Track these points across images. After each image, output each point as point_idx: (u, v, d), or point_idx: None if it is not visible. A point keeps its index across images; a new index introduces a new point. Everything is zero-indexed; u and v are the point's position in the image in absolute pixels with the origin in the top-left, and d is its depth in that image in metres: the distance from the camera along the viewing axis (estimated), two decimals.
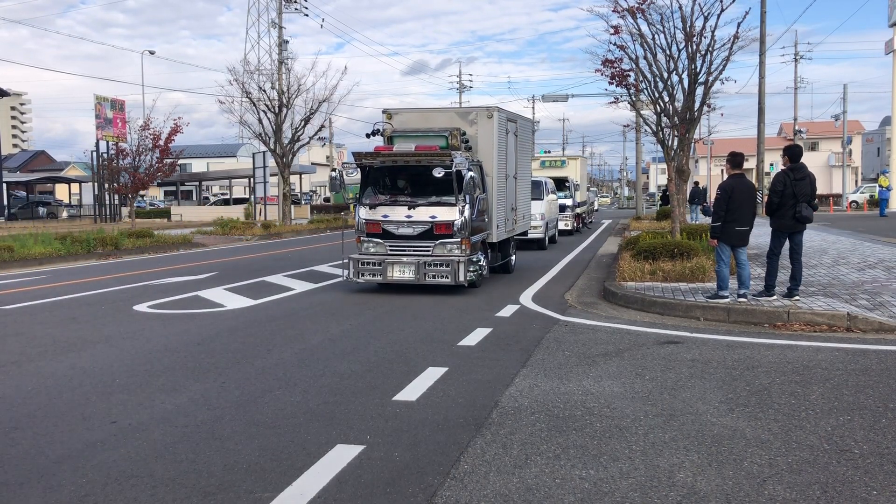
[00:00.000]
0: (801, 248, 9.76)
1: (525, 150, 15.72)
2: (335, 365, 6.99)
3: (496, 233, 13.11)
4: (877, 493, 3.97)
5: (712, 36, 14.70)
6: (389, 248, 11.89)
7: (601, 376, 6.44)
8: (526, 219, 16.05)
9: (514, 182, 14.50)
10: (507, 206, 13.88)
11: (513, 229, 14.46)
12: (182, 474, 4.35)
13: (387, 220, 11.91)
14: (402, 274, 11.64)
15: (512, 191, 14.27)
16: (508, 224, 14.01)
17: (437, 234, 11.67)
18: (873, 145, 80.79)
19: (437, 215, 11.70)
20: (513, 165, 14.33)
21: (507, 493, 4.04)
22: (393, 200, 12.05)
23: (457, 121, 13.04)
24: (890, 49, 44.85)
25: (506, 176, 13.66)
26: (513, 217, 14.40)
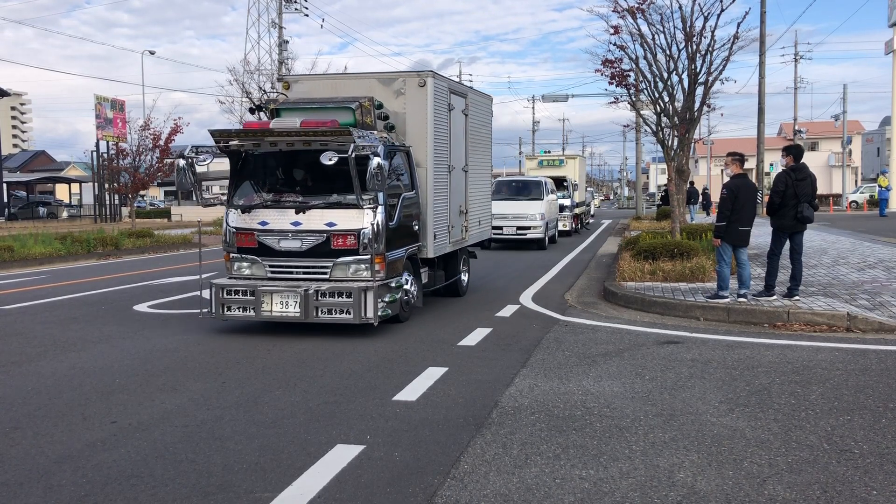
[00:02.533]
0: (802, 249, 9.76)
1: (481, 135, 12.33)
2: (335, 365, 6.99)
3: (433, 245, 9.77)
4: (877, 493, 3.98)
5: (712, 36, 14.71)
6: (270, 270, 8.57)
7: (601, 376, 6.44)
8: (484, 224, 12.73)
9: (465, 176, 11.24)
10: (453, 208, 10.65)
11: (463, 238, 11.18)
12: (182, 474, 4.35)
13: (265, 228, 8.50)
14: (283, 308, 8.23)
15: (460, 188, 11.04)
16: (456, 232, 10.79)
17: (336, 248, 8.30)
18: (873, 145, 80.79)
19: (336, 222, 8.29)
20: (461, 154, 11.04)
21: (507, 493, 4.04)
22: (276, 201, 8.70)
23: (376, 90, 9.65)
24: (890, 49, 44.86)
25: (449, 168, 10.37)
26: (462, 223, 11.16)
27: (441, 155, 10.02)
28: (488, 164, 13.15)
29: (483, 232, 12.68)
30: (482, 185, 12.54)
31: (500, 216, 20.24)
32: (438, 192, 9.93)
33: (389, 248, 8.47)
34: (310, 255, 8.39)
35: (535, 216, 20.36)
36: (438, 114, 9.86)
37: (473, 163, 11.74)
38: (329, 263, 8.35)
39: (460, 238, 11.08)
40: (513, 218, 20.37)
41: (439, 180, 9.97)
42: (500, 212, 20.34)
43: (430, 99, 9.60)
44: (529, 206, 20.67)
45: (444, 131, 10.14)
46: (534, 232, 20.28)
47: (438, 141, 9.88)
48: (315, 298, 8.15)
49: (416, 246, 9.40)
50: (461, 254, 11.42)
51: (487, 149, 12.89)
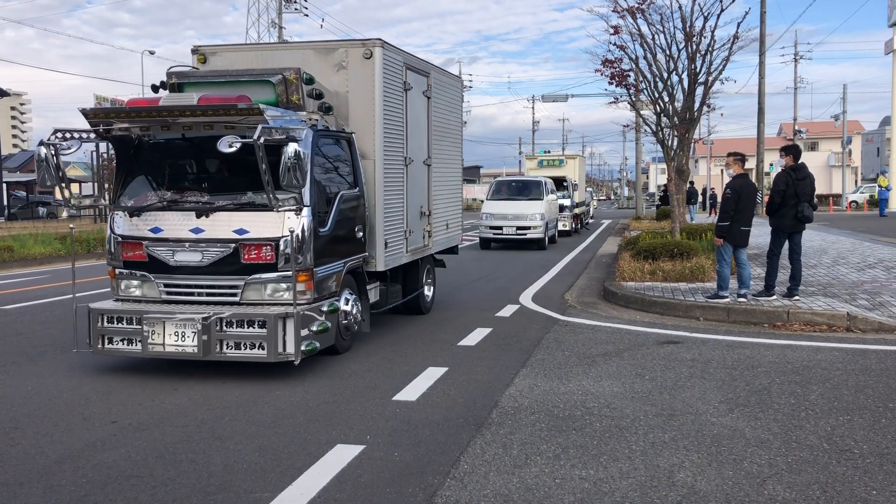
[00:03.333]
0: (800, 249, 9.77)
1: (449, 123, 10.57)
2: (335, 365, 6.99)
3: (385, 255, 8.02)
4: (877, 493, 3.98)
5: (712, 36, 14.72)
6: (165, 291, 6.78)
7: (601, 376, 6.44)
8: (454, 228, 10.86)
9: (427, 171, 9.51)
10: (412, 209, 8.90)
11: (425, 246, 9.46)
12: (182, 474, 4.35)
13: (158, 237, 6.74)
14: (178, 341, 6.37)
15: (421, 185, 9.27)
16: (416, 238, 9.07)
17: (248, 262, 6.55)
18: (873, 145, 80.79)
19: (248, 228, 6.56)
20: (422, 144, 9.29)
21: (507, 492, 4.04)
22: (173, 202, 6.89)
23: (312, 62, 7.87)
24: (890, 49, 44.86)
25: (405, 161, 8.62)
26: (424, 227, 9.41)
27: (394, 145, 8.26)
28: (458, 157, 11.27)
29: (452, 237, 10.83)
30: (450, 182, 10.74)
31: (500, 216, 20.37)
32: (391, 189, 8.18)
33: (320, 261, 6.76)
34: (215, 272, 6.61)
35: (534, 216, 20.29)
36: (390, 94, 8.12)
37: (439, 155, 9.96)
38: (240, 282, 6.57)
39: (422, 245, 9.31)
40: (513, 218, 20.30)
41: (392, 176, 8.23)
42: (500, 212, 20.46)
43: (378, 74, 7.84)
44: (529, 206, 20.60)
45: (397, 116, 8.33)
46: (534, 232, 20.21)
47: (390, 127, 8.13)
48: (218, 329, 6.32)
49: (359, 257, 7.63)
50: (424, 264, 9.70)
51: (457, 139, 11.10)
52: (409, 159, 8.73)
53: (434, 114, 9.75)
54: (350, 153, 7.66)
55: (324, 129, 7.20)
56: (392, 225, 8.26)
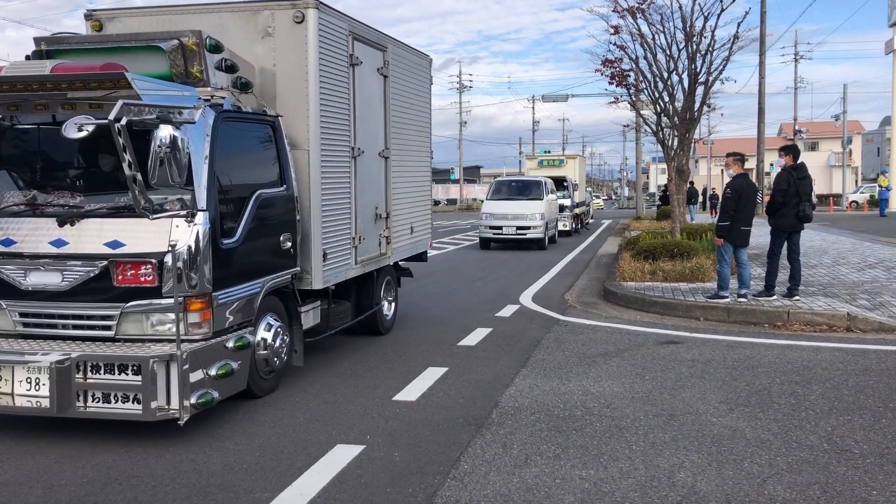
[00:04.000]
0: (799, 248, 9.77)
1: (414, 108, 9.00)
2: (335, 365, 6.99)
3: (324, 269, 6.51)
4: (877, 493, 3.98)
5: (712, 36, 14.71)
6: (21, 322, 5.28)
7: (601, 376, 6.44)
8: (421, 232, 9.34)
9: (384, 165, 8.00)
10: (363, 211, 7.36)
11: (382, 255, 7.95)
12: (182, 474, 4.35)
13: (9, 251, 5.25)
14: (31, 391, 4.80)
15: (376, 182, 7.78)
16: (368, 246, 7.53)
17: (122, 286, 5.07)
18: (873, 145, 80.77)
19: (123, 240, 5.10)
20: (376, 132, 7.79)
21: (507, 493, 4.04)
22: (30, 206, 5.41)
23: (229, 27, 6.40)
24: (890, 49, 44.86)
25: (353, 152, 7.05)
26: (381, 232, 7.90)
27: (336, 132, 6.73)
28: (426, 149, 9.58)
29: (418, 243, 9.26)
30: (416, 179, 9.13)
31: (499, 216, 20.23)
32: (332, 187, 6.66)
33: (224, 282, 5.25)
34: (82, 298, 5.08)
35: (534, 216, 20.17)
36: (331, 69, 6.61)
37: (401, 147, 8.44)
38: (114, 311, 5.04)
39: (377, 255, 7.80)
40: (513, 218, 20.21)
41: (334, 170, 6.68)
42: (500, 211, 20.33)
43: (312, 43, 6.31)
44: (529, 205, 20.50)
45: (341, 97, 6.79)
46: (533, 232, 20.11)
47: (331, 111, 6.61)
48: (79, 375, 4.81)
49: (287, 274, 6.11)
50: (382, 275, 8.21)
51: (424, 129, 9.46)
52: (357, 150, 7.14)
53: (394, 97, 8.18)
54: (275, 142, 6.07)
55: (233, 109, 5.56)
56: (334, 231, 6.69)
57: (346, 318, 7.49)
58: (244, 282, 5.52)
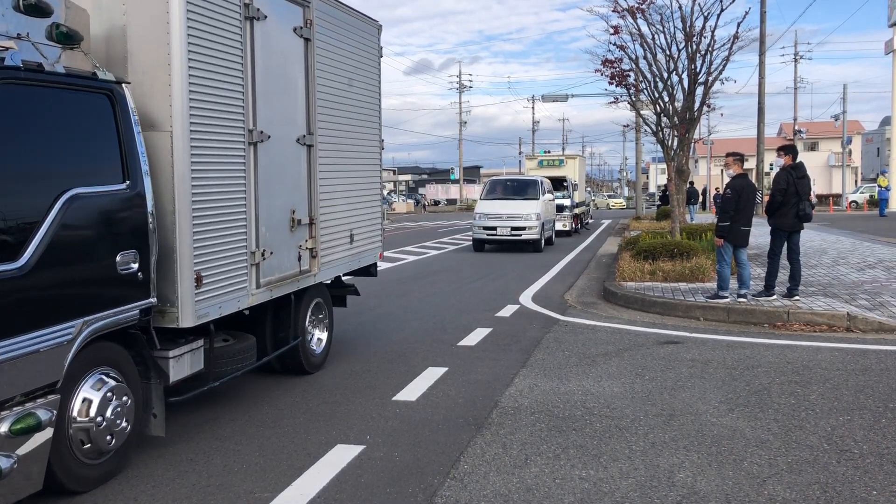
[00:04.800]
0: (799, 248, 9.78)
1: (355, 85, 7.25)
2: (335, 365, 6.99)
3: (194, 300, 4.77)
4: (877, 493, 3.98)
5: (712, 36, 14.74)
6: None
7: (601, 376, 6.45)
8: (365, 240, 7.55)
9: (307, 156, 6.37)
10: (271, 215, 5.75)
11: (304, 272, 6.30)
12: (182, 474, 4.35)
13: None
14: None
15: (293, 177, 6.16)
16: (279, 261, 5.90)
17: None
18: (873, 145, 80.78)
19: None
20: (293, 112, 6.18)
21: (507, 493, 4.04)
22: None
23: None
24: (890, 49, 44.87)
25: (249, 136, 5.42)
26: (300, 243, 6.24)
27: (220, 108, 5.02)
28: (374, 138, 7.74)
29: (363, 254, 7.51)
30: (359, 174, 7.39)
31: (494, 216, 19.63)
32: (213, 184, 4.94)
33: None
34: None
35: (530, 216, 19.57)
36: (209, 20, 4.94)
37: (333, 132, 6.74)
38: None
39: (294, 273, 6.08)
40: (507, 218, 19.58)
41: (215, 160, 4.97)
42: (494, 212, 19.72)
43: None
44: (524, 206, 19.90)
45: (228, 59, 5.10)
46: (529, 233, 19.48)
47: (210, 78, 4.90)
48: None
49: (131, 310, 4.37)
50: (307, 299, 6.51)
51: (370, 111, 7.65)
52: (258, 134, 5.46)
53: (322, 67, 6.50)
54: (115, 119, 4.39)
55: (26, 67, 3.81)
56: (216, 244, 4.93)
57: (248, 357, 5.58)
58: (39, 327, 3.73)
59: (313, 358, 6.73)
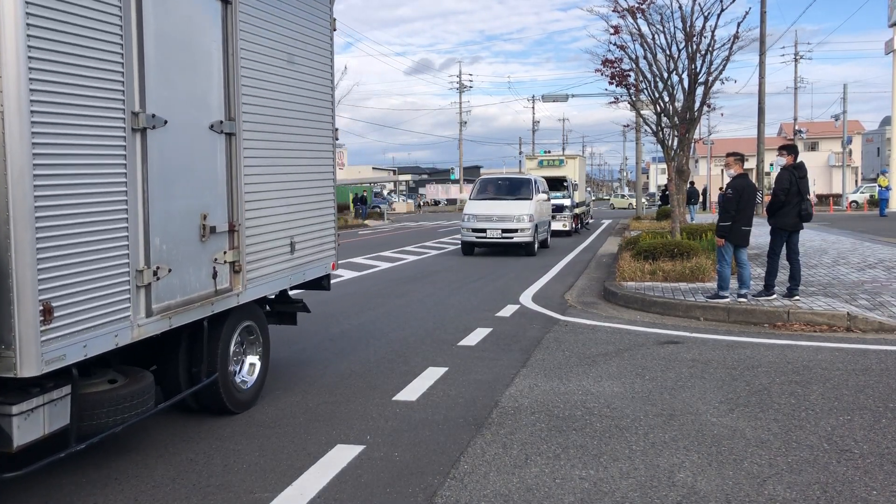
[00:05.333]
0: (798, 248, 9.79)
1: (296, 64, 6.09)
2: (335, 365, 6.99)
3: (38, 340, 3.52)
4: (877, 493, 3.98)
5: (712, 36, 14.76)
6: None
7: (601, 376, 6.45)
8: (310, 250, 6.36)
9: (226, 146, 5.20)
10: (169, 223, 4.57)
11: (221, 292, 5.09)
12: (182, 474, 4.35)
13: None
14: None
15: (205, 173, 4.99)
16: (183, 281, 4.70)
17: None
18: (873, 145, 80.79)
19: None
20: (207, 92, 5.00)
21: (507, 493, 4.04)
22: None
23: None
24: (890, 49, 44.88)
25: (133, 119, 4.22)
26: (214, 255, 5.04)
27: (82, 80, 3.89)
28: (324, 125, 6.63)
29: (308, 265, 6.33)
30: (302, 170, 6.21)
31: (483, 217, 18.49)
32: (70, 181, 3.83)
33: None
34: None
35: (522, 218, 18.28)
36: None
37: (265, 118, 5.59)
38: None
39: (206, 294, 4.92)
40: (497, 220, 18.35)
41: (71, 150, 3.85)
42: (484, 212, 18.60)
43: None
44: (516, 206, 18.63)
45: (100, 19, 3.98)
46: (521, 235, 18.24)
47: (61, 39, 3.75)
48: None
49: None
50: (230, 325, 5.34)
51: (319, 94, 6.51)
52: (149, 119, 4.30)
53: (249, 38, 5.31)
54: None
55: None
56: (77, 263, 3.83)
57: (141, 403, 4.35)
58: None
59: (239, 394, 5.47)
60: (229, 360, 5.37)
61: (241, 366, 5.67)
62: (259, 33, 5.50)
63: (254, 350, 5.81)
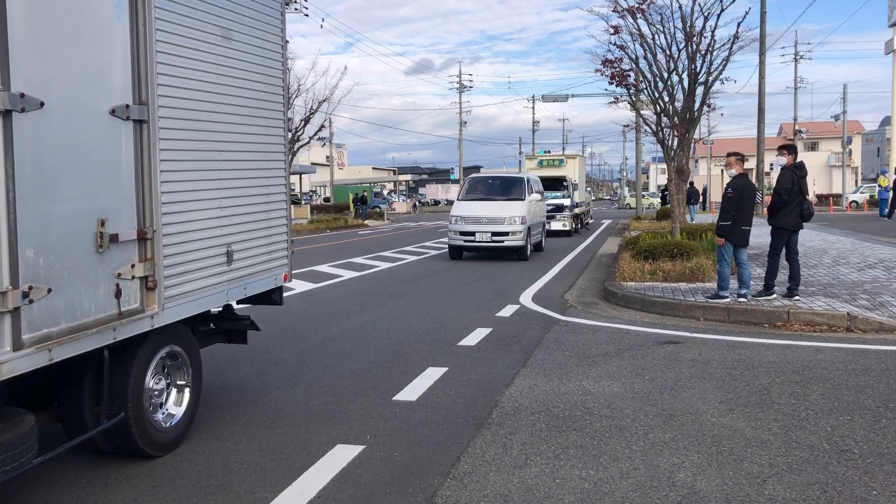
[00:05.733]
0: (797, 248, 9.79)
1: (234, 39, 5.14)
2: (335, 365, 6.99)
3: None
4: (877, 493, 3.98)
5: (712, 36, 14.78)
6: None
7: (601, 376, 6.44)
8: (253, 260, 5.44)
9: (132, 135, 4.19)
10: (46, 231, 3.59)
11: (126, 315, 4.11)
12: (182, 474, 4.35)
13: None
14: None
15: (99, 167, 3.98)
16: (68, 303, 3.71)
17: None
18: (873, 145, 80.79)
19: None
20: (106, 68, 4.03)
21: (507, 493, 4.04)
22: None
23: None
24: (890, 49, 44.85)
25: None
26: (117, 269, 4.07)
27: None
28: (273, 115, 5.72)
29: (252, 277, 5.44)
30: (243, 166, 5.31)
31: (472, 219, 17.06)
32: None
33: None
34: None
35: (513, 220, 16.86)
36: None
37: (193, 104, 4.71)
38: None
39: (107, 318, 4.02)
40: (487, 222, 16.93)
41: None
42: (473, 214, 17.14)
43: None
44: (507, 207, 17.19)
45: None
46: (512, 239, 16.81)
47: None
48: None
49: None
50: (146, 352, 4.48)
51: (265, 80, 5.59)
52: (15, 100, 3.41)
53: (168, 7, 4.46)
54: None
55: None
56: None
57: (20, 453, 3.49)
58: None
59: (160, 433, 4.56)
60: (144, 395, 4.43)
61: (165, 399, 4.76)
62: (181, 2, 4.60)
63: (179, 381, 4.89)
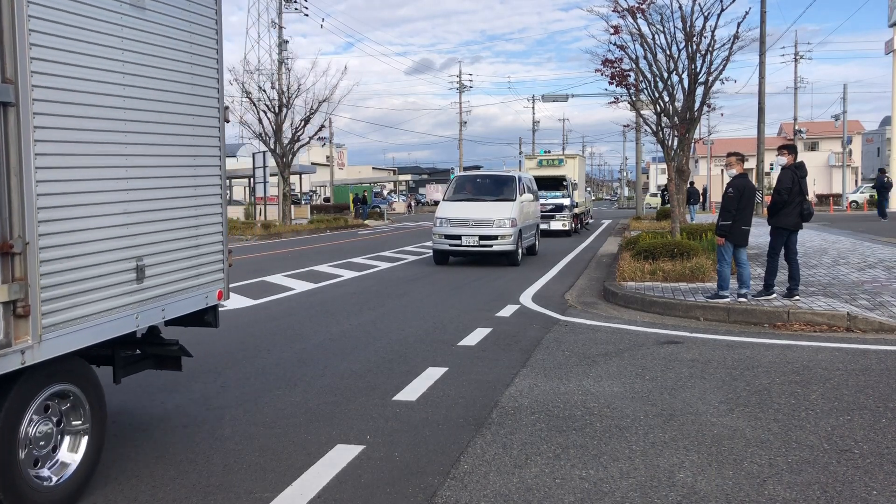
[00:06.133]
0: (796, 247, 9.80)
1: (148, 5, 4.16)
2: (335, 365, 6.99)
3: None
4: (877, 493, 3.98)
5: (712, 36, 14.79)
6: None
7: (601, 376, 6.44)
8: (175, 275, 4.50)
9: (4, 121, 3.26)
10: None
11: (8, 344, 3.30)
12: (182, 474, 4.35)
13: None
14: None
15: None
16: None
17: None
18: (873, 145, 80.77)
19: None
20: None
21: (507, 493, 4.04)
22: None
23: None
24: (890, 49, 44.88)
25: None
26: None
27: None
28: (204, 103, 4.80)
29: (173, 296, 4.52)
30: (160, 162, 4.40)
31: (458, 221, 15.76)
32: None
33: None
34: None
35: (503, 222, 15.57)
36: None
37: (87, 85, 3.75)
38: None
39: None
40: (474, 224, 15.62)
41: None
42: (460, 216, 15.82)
43: None
44: (496, 209, 15.89)
45: None
46: (502, 243, 15.54)
47: None
48: None
49: None
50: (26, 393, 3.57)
51: (194, 59, 4.67)
52: None
53: None
54: None
55: None
56: None
57: None
58: None
59: (42, 493, 3.70)
60: (18, 448, 3.53)
61: (53, 449, 3.86)
62: None
63: (78, 418, 4.01)
